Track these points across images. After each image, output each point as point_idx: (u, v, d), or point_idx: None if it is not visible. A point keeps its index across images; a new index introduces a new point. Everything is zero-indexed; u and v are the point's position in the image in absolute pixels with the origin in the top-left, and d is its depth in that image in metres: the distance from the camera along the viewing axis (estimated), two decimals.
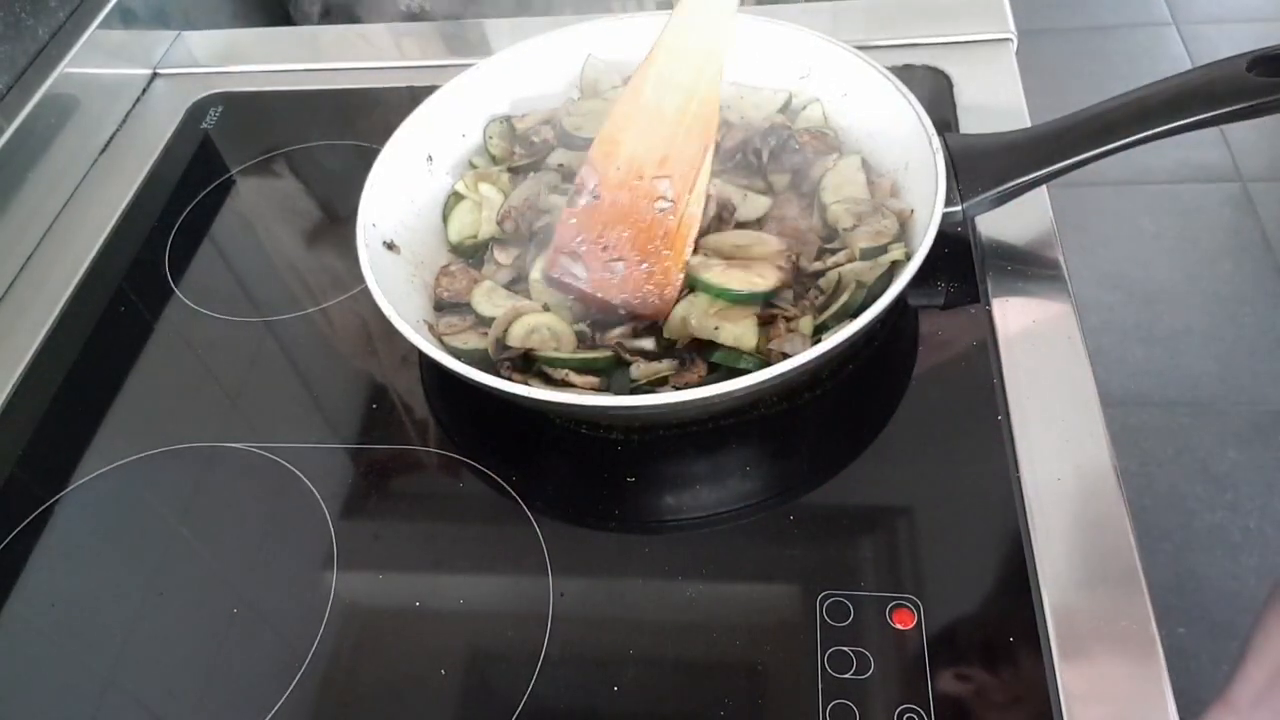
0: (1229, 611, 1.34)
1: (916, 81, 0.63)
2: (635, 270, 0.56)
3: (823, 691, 0.46)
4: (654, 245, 0.56)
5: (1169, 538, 1.42)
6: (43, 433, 0.64)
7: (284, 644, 0.52)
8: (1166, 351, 1.64)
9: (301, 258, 0.73)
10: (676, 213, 0.56)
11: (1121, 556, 0.49)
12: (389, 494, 0.58)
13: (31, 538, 0.58)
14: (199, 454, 0.61)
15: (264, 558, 0.56)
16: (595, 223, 0.57)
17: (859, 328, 0.51)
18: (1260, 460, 1.49)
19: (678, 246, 0.56)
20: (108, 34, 0.85)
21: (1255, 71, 0.55)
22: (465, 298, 0.62)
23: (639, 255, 0.56)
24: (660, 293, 0.56)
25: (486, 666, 0.50)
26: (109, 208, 0.78)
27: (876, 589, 0.49)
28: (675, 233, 0.56)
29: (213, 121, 0.85)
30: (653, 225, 0.56)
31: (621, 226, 0.56)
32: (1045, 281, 0.61)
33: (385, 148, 0.65)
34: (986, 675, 0.47)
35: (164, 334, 0.68)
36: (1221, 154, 1.94)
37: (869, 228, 0.59)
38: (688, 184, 0.56)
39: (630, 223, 0.56)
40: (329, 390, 0.64)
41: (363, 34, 0.91)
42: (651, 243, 0.56)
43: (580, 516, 0.55)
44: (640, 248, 0.56)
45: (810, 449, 0.57)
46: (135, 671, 0.52)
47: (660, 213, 0.56)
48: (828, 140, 0.66)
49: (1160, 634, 0.46)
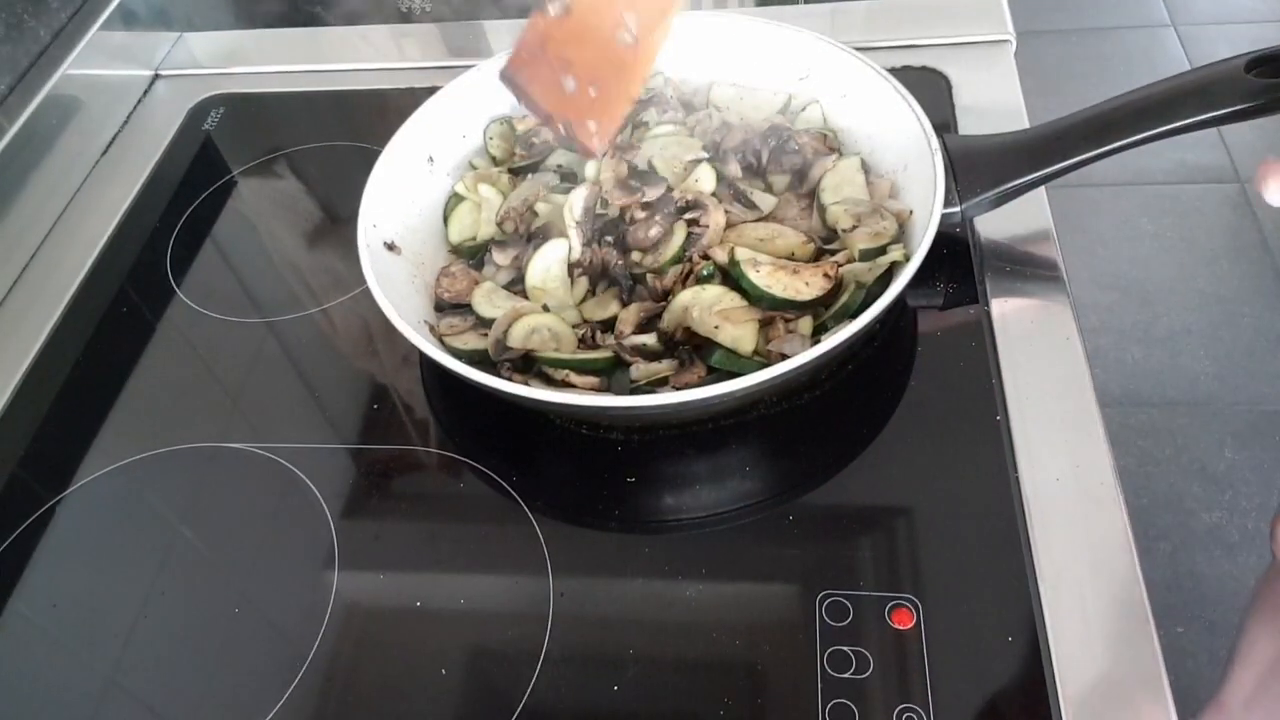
0: (1227, 611, 1.34)
1: (915, 83, 0.63)
2: (585, 91, 0.56)
3: (822, 691, 0.46)
4: (607, 73, 0.56)
5: (1167, 537, 1.42)
6: (45, 433, 0.64)
7: (285, 643, 0.52)
8: (1165, 352, 1.64)
9: (303, 258, 0.73)
10: (635, 50, 0.56)
11: (1120, 556, 0.49)
12: (390, 494, 0.58)
13: (34, 537, 0.58)
14: (201, 454, 0.61)
15: (265, 558, 0.56)
16: (561, 34, 0.57)
17: (858, 328, 0.51)
18: (1258, 460, 1.49)
19: (629, 81, 0.56)
20: (109, 35, 0.86)
21: (1253, 73, 0.55)
22: (466, 299, 0.63)
23: (591, 77, 0.56)
24: (600, 124, 0.56)
25: (486, 666, 0.50)
26: (111, 209, 0.78)
27: (876, 589, 0.50)
28: (631, 67, 0.56)
29: (214, 122, 0.85)
30: (612, 53, 0.56)
31: (583, 45, 0.56)
32: (1044, 282, 0.61)
33: (386, 149, 0.65)
34: (985, 675, 0.47)
35: (166, 334, 0.69)
36: (1219, 155, 1.94)
37: (868, 228, 0.59)
38: (651, 27, 0.56)
39: (592, 44, 0.56)
40: (330, 391, 0.64)
41: (363, 35, 0.92)
42: (606, 69, 0.56)
43: (580, 516, 0.55)
44: (595, 70, 0.56)
45: (810, 449, 0.57)
46: (137, 671, 0.52)
47: (621, 44, 0.56)
48: (827, 141, 0.67)
49: (1158, 633, 0.46)
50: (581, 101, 0.56)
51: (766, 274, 0.56)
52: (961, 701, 0.46)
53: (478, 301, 0.61)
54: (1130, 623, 0.47)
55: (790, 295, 0.56)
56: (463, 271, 0.64)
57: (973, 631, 0.48)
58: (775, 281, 0.56)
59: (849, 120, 0.68)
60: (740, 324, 0.55)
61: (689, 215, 0.61)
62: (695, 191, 0.63)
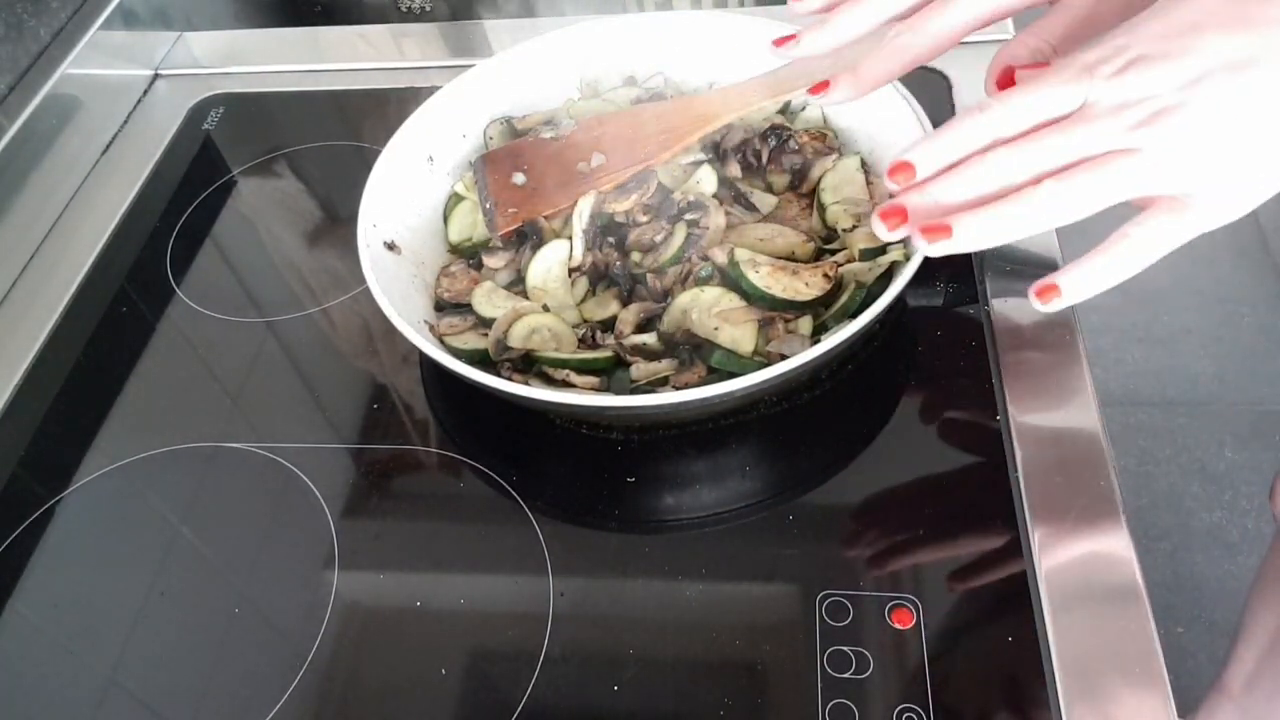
0: (1227, 611, 1.34)
1: (915, 83, 0.63)
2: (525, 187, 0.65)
3: (822, 691, 0.46)
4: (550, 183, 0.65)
5: (1167, 537, 1.42)
6: (45, 433, 0.64)
7: (285, 643, 0.52)
8: (1165, 351, 1.64)
9: (303, 258, 0.73)
10: (585, 178, 0.63)
11: (1120, 556, 0.49)
12: (390, 494, 0.58)
13: (34, 537, 0.58)
14: (200, 454, 0.61)
15: (265, 557, 0.56)
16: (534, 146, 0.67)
17: (858, 328, 0.51)
18: (1258, 460, 1.49)
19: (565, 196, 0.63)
20: (109, 35, 0.85)
21: None
22: (466, 298, 0.63)
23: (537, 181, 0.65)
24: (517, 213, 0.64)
25: (486, 666, 0.50)
26: (111, 208, 0.78)
27: (876, 589, 0.50)
28: (572, 186, 0.63)
29: (214, 122, 0.85)
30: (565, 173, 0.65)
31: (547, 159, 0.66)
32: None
33: (386, 148, 0.65)
34: (985, 675, 0.47)
35: (166, 334, 0.69)
36: None
37: (868, 228, 0.59)
38: (610, 170, 0.63)
39: (555, 162, 0.65)
40: (330, 390, 0.64)
41: (363, 34, 0.92)
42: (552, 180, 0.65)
43: (580, 516, 0.55)
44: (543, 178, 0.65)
45: (810, 449, 0.57)
46: (137, 671, 0.52)
47: (577, 171, 0.64)
48: (827, 141, 0.67)
49: (1158, 633, 0.46)
50: (519, 193, 0.65)
51: (766, 274, 0.56)
52: (961, 701, 0.46)
53: (478, 301, 0.62)
54: (1130, 622, 0.47)
55: (790, 296, 0.56)
56: (463, 271, 0.64)
57: (973, 631, 0.48)
58: (775, 282, 0.56)
59: (849, 119, 0.68)
60: (739, 325, 0.55)
61: (689, 216, 0.61)
62: (696, 193, 0.63)
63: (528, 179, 0.65)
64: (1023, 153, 0.41)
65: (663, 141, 0.62)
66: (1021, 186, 0.41)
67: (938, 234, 0.42)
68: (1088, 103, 0.40)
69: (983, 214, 0.42)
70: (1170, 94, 0.39)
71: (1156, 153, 0.40)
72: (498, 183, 0.66)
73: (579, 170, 0.64)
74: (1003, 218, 0.41)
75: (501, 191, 0.65)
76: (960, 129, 0.43)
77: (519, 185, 0.65)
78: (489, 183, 0.66)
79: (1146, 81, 0.39)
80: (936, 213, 0.42)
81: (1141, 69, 0.39)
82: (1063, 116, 0.41)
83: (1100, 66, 0.40)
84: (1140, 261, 0.43)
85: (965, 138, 0.42)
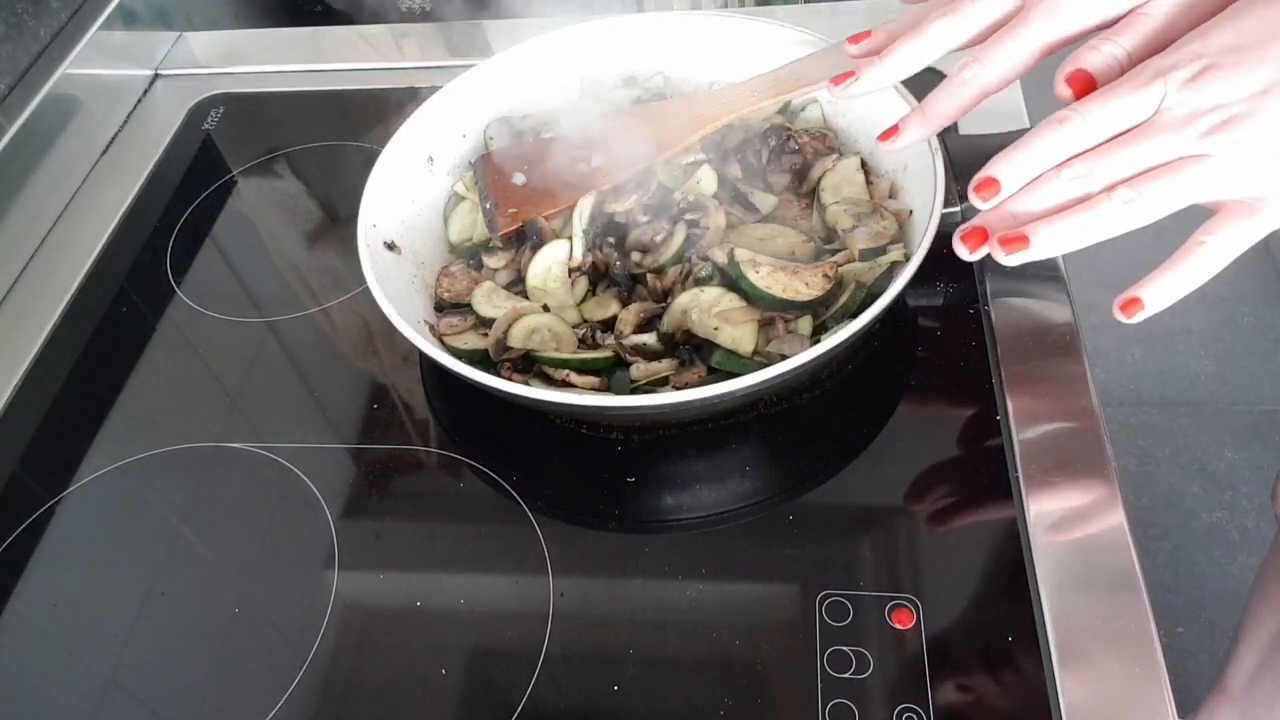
0: (1227, 611, 1.34)
1: (916, 83, 0.63)
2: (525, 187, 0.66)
3: (822, 691, 0.46)
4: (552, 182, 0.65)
5: (1167, 537, 1.42)
6: (45, 433, 0.64)
7: (285, 643, 0.52)
8: (1165, 351, 1.64)
9: (303, 258, 0.73)
10: (584, 178, 0.64)
11: (1119, 556, 0.49)
12: (390, 494, 0.58)
13: (34, 538, 0.58)
14: (201, 454, 0.61)
15: (265, 558, 0.56)
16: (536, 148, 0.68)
17: (858, 328, 0.51)
18: (1258, 460, 1.49)
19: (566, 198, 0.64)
20: (109, 35, 0.85)
21: None
22: (466, 298, 0.63)
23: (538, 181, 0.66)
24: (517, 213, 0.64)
25: (486, 666, 0.50)
26: (111, 208, 0.78)
27: (876, 589, 0.50)
28: (572, 187, 0.64)
29: (214, 122, 0.85)
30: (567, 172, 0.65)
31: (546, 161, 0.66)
32: (1044, 282, 0.61)
33: (386, 148, 0.65)
34: (985, 675, 0.47)
35: (165, 334, 0.69)
36: None
37: (868, 228, 0.59)
38: (608, 171, 0.64)
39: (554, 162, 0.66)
40: (330, 390, 0.64)
41: (363, 34, 0.92)
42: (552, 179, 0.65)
43: (580, 516, 0.55)
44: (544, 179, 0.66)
45: (810, 449, 0.57)
46: (137, 671, 0.52)
47: (576, 170, 0.65)
48: (827, 141, 0.67)
49: (1158, 633, 0.46)
50: (519, 193, 0.65)
51: (766, 274, 0.56)
52: (961, 701, 0.46)
53: (478, 301, 0.62)
54: (1130, 623, 0.47)
55: (790, 296, 0.56)
56: (463, 271, 0.64)
57: (973, 631, 0.48)
58: (775, 282, 0.56)
59: (849, 120, 0.68)
60: (739, 325, 0.55)
61: (689, 216, 0.61)
62: (696, 193, 0.63)
63: (528, 179, 0.65)
64: (1099, 164, 0.42)
65: (663, 141, 0.62)
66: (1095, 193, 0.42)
67: (1016, 245, 0.43)
68: (1160, 110, 0.41)
69: (1058, 222, 0.42)
70: (1241, 103, 0.40)
71: (1227, 159, 0.40)
72: (498, 183, 0.66)
73: (579, 170, 0.64)
74: (1078, 226, 0.42)
75: (501, 191, 0.65)
76: (1041, 143, 0.43)
77: (519, 185, 0.65)
78: (489, 183, 0.66)
79: (1218, 90, 0.40)
80: (1012, 223, 0.43)
81: (1213, 78, 0.40)
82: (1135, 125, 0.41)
83: (1173, 74, 0.41)
84: (1215, 266, 0.43)
85: (1047, 152, 0.43)
